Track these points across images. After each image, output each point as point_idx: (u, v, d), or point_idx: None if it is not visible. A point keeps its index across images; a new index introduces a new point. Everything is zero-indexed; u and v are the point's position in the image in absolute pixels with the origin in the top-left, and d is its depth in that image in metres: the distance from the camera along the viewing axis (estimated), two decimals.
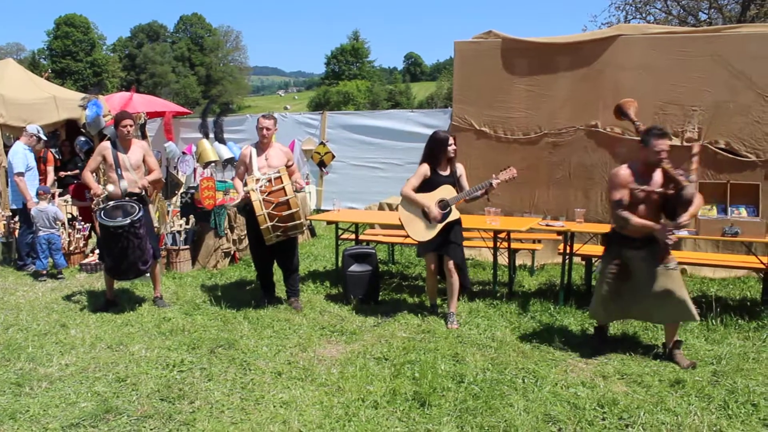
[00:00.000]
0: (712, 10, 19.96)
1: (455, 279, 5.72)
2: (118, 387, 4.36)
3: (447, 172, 5.73)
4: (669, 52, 7.34)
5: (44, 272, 7.61)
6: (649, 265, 4.72)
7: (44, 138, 8.56)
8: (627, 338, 5.31)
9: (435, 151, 5.69)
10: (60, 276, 7.64)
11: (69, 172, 10.35)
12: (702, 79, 7.22)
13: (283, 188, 5.80)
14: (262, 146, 6.25)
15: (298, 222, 5.88)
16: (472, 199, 5.73)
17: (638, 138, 4.85)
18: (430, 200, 5.63)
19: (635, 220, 4.63)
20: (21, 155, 7.98)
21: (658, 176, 4.67)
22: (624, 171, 4.70)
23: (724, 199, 5.82)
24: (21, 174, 7.89)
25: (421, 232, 5.68)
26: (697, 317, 4.76)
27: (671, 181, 4.59)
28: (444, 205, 5.62)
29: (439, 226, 5.61)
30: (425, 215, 5.64)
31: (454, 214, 5.65)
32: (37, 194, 7.80)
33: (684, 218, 4.51)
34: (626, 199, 4.66)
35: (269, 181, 5.86)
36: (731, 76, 7.11)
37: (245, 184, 5.98)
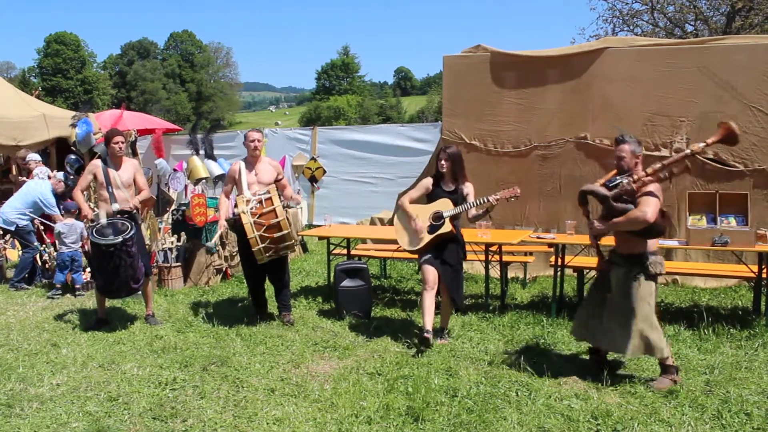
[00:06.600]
0: (698, 22, 20.16)
1: (448, 297, 5.60)
2: (110, 406, 4.33)
3: (451, 188, 5.58)
4: (656, 63, 7.42)
5: (59, 286, 7.61)
6: (623, 286, 4.51)
7: (70, 184, 8.86)
8: None
9: (435, 165, 5.72)
10: (79, 292, 7.63)
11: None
12: (689, 91, 7.31)
13: (274, 210, 5.81)
14: (251, 161, 6.25)
15: (289, 243, 5.92)
16: (475, 219, 5.61)
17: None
18: (424, 212, 5.56)
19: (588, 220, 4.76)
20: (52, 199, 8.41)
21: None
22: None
23: (713, 209, 5.85)
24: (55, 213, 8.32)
25: (409, 241, 5.65)
26: (664, 353, 4.44)
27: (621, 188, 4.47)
28: (437, 216, 5.49)
29: (427, 237, 5.49)
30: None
31: (446, 227, 5.44)
32: (66, 210, 7.86)
33: (599, 222, 4.62)
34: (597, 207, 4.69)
35: (260, 202, 5.87)
36: (718, 86, 7.19)
37: (235, 205, 5.99)
